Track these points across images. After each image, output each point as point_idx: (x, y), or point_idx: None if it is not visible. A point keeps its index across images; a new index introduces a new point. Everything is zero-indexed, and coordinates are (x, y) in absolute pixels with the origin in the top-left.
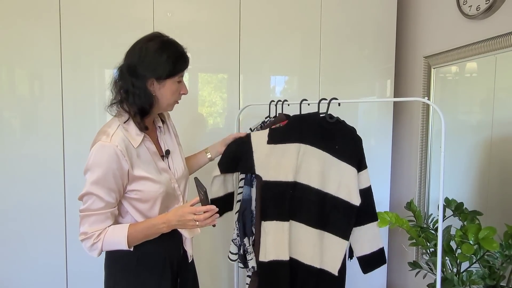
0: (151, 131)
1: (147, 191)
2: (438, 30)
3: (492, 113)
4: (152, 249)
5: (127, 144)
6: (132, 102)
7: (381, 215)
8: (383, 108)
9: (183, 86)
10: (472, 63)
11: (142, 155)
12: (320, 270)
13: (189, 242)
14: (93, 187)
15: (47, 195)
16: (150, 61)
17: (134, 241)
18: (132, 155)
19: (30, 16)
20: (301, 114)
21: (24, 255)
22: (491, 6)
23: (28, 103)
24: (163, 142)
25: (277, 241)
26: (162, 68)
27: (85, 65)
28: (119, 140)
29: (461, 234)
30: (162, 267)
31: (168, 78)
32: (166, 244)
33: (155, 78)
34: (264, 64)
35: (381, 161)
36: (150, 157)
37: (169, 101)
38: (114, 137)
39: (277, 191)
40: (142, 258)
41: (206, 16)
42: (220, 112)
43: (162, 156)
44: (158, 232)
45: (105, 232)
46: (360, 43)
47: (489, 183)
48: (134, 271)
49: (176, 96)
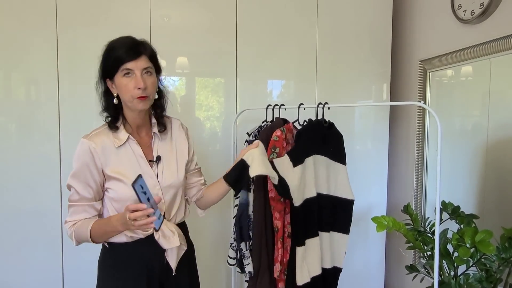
0: (145, 136)
1: (120, 192)
2: (433, 34)
3: (487, 116)
4: (133, 258)
5: (106, 143)
6: (102, 105)
7: (378, 219)
8: (379, 111)
9: (135, 79)
10: (467, 67)
11: (123, 156)
12: (334, 268)
13: (172, 253)
14: (71, 179)
15: (43, 200)
16: (101, 60)
17: (96, 235)
18: (108, 154)
19: (26, 20)
20: (307, 125)
21: (20, 258)
22: (485, 11)
23: (24, 107)
24: (157, 148)
25: (313, 259)
26: (105, 64)
27: (82, 69)
28: (98, 139)
29: (458, 237)
30: (144, 277)
31: (114, 75)
32: (146, 255)
33: (109, 79)
34: (261, 68)
35: (378, 165)
36: (134, 159)
37: (124, 97)
38: (94, 136)
39: (308, 210)
40: (124, 266)
41: (202, 21)
42: (217, 116)
43: (151, 161)
44: (114, 230)
45: (78, 223)
46: (356, 48)
47: (485, 186)
48: (117, 278)
49: (131, 91)
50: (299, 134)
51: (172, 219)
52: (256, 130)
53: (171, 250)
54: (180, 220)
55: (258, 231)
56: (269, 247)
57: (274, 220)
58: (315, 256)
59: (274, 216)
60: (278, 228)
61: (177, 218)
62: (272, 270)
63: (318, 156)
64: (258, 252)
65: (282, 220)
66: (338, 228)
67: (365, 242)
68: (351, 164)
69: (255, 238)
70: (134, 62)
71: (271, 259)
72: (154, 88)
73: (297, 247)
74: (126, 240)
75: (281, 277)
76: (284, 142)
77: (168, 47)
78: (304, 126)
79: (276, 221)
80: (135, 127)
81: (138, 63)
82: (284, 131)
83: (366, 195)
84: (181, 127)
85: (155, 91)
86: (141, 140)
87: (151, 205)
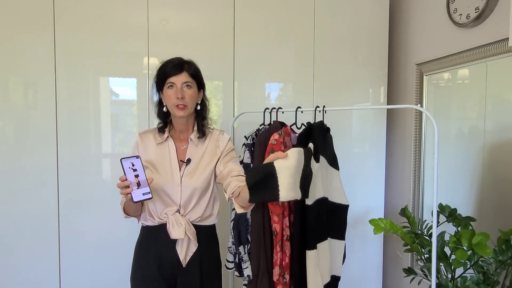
0: (183, 139)
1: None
2: (430, 38)
3: (484, 119)
4: (149, 243)
5: (151, 140)
6: (155, 112)
7: (376, 221)
8: (376, 114)
9: (175, 91)
10: (463, 70)
11: (159, 152)
12: (333, 277)
13: (182, 246)
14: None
15: (40, 203)
16: (155, 77)
17: (125, 207)
18: (148, 148)
19: (24, 24)
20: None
21: (16, 265)
22: (480, 15)
23: (21, 111)
24: (190, 152)
25: (325, 265)
26: (156, 80)
27: (80, 73)
28: (145, 135)
29: (455, 240)
30: (156, 264)
31: (162, 87)
32: (160, 243)
33: (159, 90)
34: (258, 71)
35: (375, 168)
36: (168, 156)
37: (169, 106)
38: (144, 132)
39: (319, 210)
40: (143, 251)
41: (200, 24)
42: (215, 119)
43: (182, 161)
44: (128, 203)
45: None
46: (353, 51)
47: (482, 189)
48: (138, 259)
49: (172, 100)
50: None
51: (187, 215)
52: (254, 134)
53: (180, 243)
54: (196, 221)
55: (257, 235)
56: (267, 251)
57: (273, 224)
58: (326, 262)
59: (273, 219)
60: (276, 232)
61: (191, 217)
62: (271, 274)
63: (322, 158)
64: (257, 255)
65: (280, 223)
66: (335, 234)
67: (363, 245)
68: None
69: (254, 242)
70: (176, 77)
71: (270, 262)
72: (193, 99)
73: (308, 251)
74: (148, 223)
75: (280, 281)
76: (282, 145)
77: (165, 50)
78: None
79: (274, 224)
80: (178, 132)
81: (179, 78)
82: (282, 134)
83: (363, 197)
84: (218, 136)
85: (195, 103)
86: (179, 143)
87: (139, 181)
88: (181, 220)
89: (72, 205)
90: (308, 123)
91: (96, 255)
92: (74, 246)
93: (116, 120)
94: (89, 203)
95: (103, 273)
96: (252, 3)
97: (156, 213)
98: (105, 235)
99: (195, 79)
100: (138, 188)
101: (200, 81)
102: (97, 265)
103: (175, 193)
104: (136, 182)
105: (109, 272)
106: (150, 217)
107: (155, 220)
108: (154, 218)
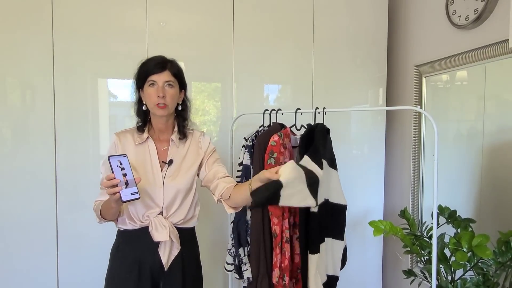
0: (163, 140)
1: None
2: (429, 39)
3: (483, 120)
4: (129, 247)
5: (129, 140)
6: (134, 110)
7: (375, 223)
8: (376, 116)
9: (156, 89)
10: (462, 71)
11: (139, 153)
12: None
13: (164, 249)
14: (101, 166)
15: (38, 206)
16: (134, 77)
17: (103, 212)
18: (127, 149)
19: (22, 25)
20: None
21: (14, 268)
22: (479, 17)
23: (20, 112)
24: (171, 153)
25: (323, 265)
26: (137, 78)
27: (78, 74)
28: (123, 135)
29: (455, 241)
30: (135, 268)
31: (143, 85)
32: (141, 246)
33: (140, 89)
34: (257, 73)
35: (374, 169)
36: (148, 157)
37: (149, 104)
38: (121, 132)
39: (323, 214)
40: (122, 254)
41: (199, 26)
42: (214, 121)
43: (163, 163)
44: (109, 206)
45: (98, 202)
46: (352, 53)
47: (481, 191)
48: (116, 265)
49: (153, 99)
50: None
51: (169, 218)
52: (253, 135)
53: (163, 246)
54: (179, 223)
55: (256, 237)
56: (267, 253)
57: (272, 226)
58: (323, 261)
59: (272, 221)
60: (276, 234)
61: (174, 219)
62: (271, 276)
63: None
64: (257, 257)
65: (280, 225)
66: (332, 234)
67: (362, 247)
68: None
69: (253, 244)
70: (158, 75)
71: (270, 264)
72: (174, 99)
73: (311, 255)
74: (127, 227)
75: (279, 283)
76: (282, 147)
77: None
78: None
79: (274, 226)
80: (158, 131)
81: (161, 76)
82: (281, 136)
83: (363, 199)
84: (199, 138)
85: (176, 102)
86: (160, 144)
87: (127, 180)
88: (164, 222)
89: (70, 207)
90: (308, 124)
91: (94, 257)
92: (72, 248)
93: (114, 121)
94: (87, 205)
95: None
96: (250, 5)
97: (137, 216)
98: (103, 237)
99: (177, 78)
100: (126, 188)
101: (182, 81)
102: (95, 267)
103: (157, 195)
104: (124, 181)
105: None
106: (130, 220)
107: (136, 224)
108: (135, 222)
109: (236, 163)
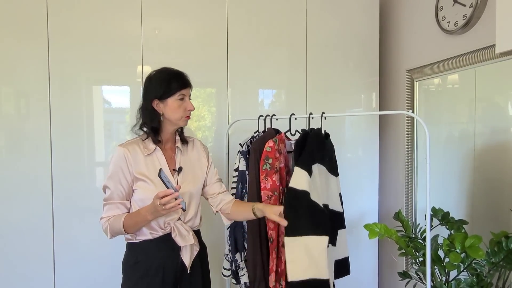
0: (169, 149)
1: (145, 191)
2: (419, 44)
3: (474, 122)
4: (151, 256)
5: (137, 151)
6: (144, 121)
7: (370, 226)
8: (369, 120)
9: (187, 103)
10: (453, 75)
11: (149, 163)
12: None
13: (186, 252)
14: (107, 181)
15: (34, 214)
16: (152, 85)
17: (129, 226)
18: (138, 160)
19: (17, 33)
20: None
21: (11, 274)
22: (468, 22)
23: (15, 119)
24: (179, 160)
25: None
26: (160, 89)
27: (73, 82)
28: (131, 147)
29: (448, 243)
30: (159, 276)
31: (168, 97)
32: (163, 253)
33: (157, 99)
34: (252, 78)
35: (368, 173)
36: (159, 166)
37: (175, 116)
38: (128, 144)
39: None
40: (143, 265)
41: (194, 32)
42: (209, 126)
43: (174, 170)
44: (144, 220)
45: (111, 218)
46: (345, 58)
47: (473, 192)
48: (137, 277)
49: (181, 112)
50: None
51: (187, 223)
52: (248, 141)
53: (186, 249)
54: (194, 227)
55: (253, 242)
56: (264, 258)
57: (269, 230)
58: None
59: (268, 226)
60: (272, 238)
61: (191, 223)
62: (268, 280)
63: (320, 166)
64: (253, 262)
65: (276, 230)
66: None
67: (358, 249)
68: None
69: (250, 249)
70: (187, 89)
71: (267, 269)
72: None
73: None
74: (147, 237)
75: (276, 287)
76: (277, 152)
77: (159, 57)
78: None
79: (270, 231)
80: (165, 142)
81: (189, 91)
82: (276, 141)
83: (357, 202)
84: (202, 147)
85: None
86: (166, 153)
87: (175, 191)
88: (185, 226)
89: (66, 213)
90: (302, 130)
91: (90, 262)
92: (68, 254)
93: (109, 128)
94: (83, 211)
95: (98, 281)
96: (244, 10)
97: (158, 225)
98: (99, 243)
99: None
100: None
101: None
102: (92, 273)
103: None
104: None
105: (104, 280)
106: (152, 230)
107: (157, 232)
108: (157, 230)
109: (232, 169)
